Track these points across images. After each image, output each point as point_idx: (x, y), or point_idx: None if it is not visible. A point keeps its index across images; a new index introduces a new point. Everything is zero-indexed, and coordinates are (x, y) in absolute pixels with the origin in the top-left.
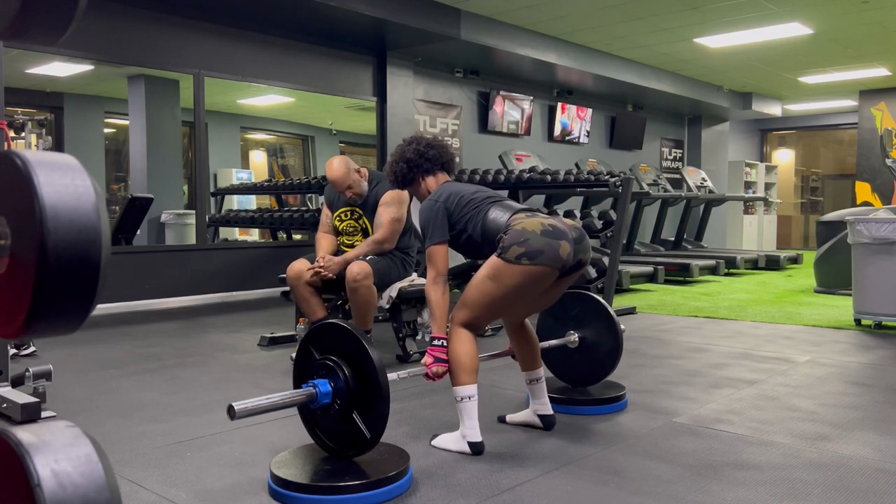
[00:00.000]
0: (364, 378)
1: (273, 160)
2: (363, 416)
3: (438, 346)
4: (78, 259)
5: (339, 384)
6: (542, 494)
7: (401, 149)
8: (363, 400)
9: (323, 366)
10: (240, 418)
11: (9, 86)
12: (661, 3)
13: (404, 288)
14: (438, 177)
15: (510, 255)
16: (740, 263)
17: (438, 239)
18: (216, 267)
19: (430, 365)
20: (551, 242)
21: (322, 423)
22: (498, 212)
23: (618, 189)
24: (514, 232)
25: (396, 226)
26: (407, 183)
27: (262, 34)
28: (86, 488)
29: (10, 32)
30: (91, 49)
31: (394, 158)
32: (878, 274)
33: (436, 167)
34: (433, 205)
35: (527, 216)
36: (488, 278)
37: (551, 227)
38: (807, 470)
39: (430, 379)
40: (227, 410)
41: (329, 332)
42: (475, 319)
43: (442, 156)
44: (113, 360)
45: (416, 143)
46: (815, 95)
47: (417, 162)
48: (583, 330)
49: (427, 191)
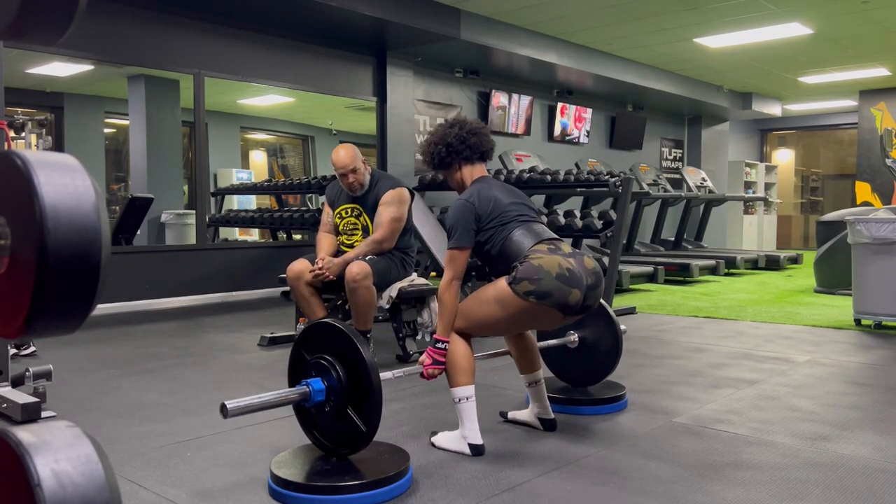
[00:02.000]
0: (357, 375)
1: (273, 160)
2: (357, 413)
3: (440, 348)
4: (78, 259)
5: (333, 382)
6: (542, 494)
7: (442, 131)
8: (356, 397)
9: (316, 365)
10: (233, 416)
11: (9, 86)
12: (661, 3)
13: (404, 288)
14: (476, 167)
15: (520, 288)
16: (740, 263)
17: (464, 244)
18: (216, 267)
19: (427, 366)
20: (563, 288)
21: (317, 422)
22: (522, 235)
23: (618, 189)
24: (529, 266)
25: (396, 225)
26: (443, 167)
27: (262, 34)
28: (86, 488)
29: (10, 32)
30: (91, 49)
31: (433, 139)
32: (878, 274)
33: (475, 155)
34: (467, 206)
35: (548, 250)
36: (494, 301)
37: (568, 273)
38: (807, 470)
39: (424, 378)
40: (220, 409)
41: (322, 331)
42: (472, 332)
43: (483, 144)
44: (113, 360)
45: (458, 127)
46: (815, 95)
47: (458, 148)
48: (582, 330)
49: (461, 179)
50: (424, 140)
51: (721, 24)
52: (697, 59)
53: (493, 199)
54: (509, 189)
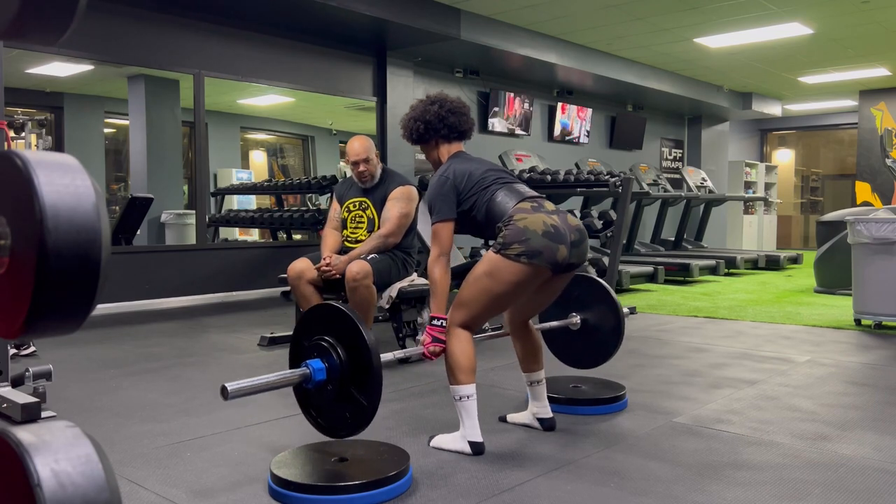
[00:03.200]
0: (357, 355)
1: (273, 160)
2: (359, 391)
3: (437, 325)
4: (78, 259)
5: (333, 362)
6: (542, 494)
7: (422, 107)
8: (358, 376)
9: (316, 346)
10: (233, 398)
11: (9, 86)
12: (661, 3)
13: (404, 288)
14: (453, 145)
15: (510, 251)
16: (740, 263)
17: (445, 216)
18: (216, 267)
19: (428, 344)
20: (550, 245)
21: (317, 404)
22: (504, 195)
23: (618, 189)
24: (516, 229)
25: (404, 221)
26: (420, 142)
27: (262, 34)
28: (86, 488)
29: (10, 32)
30: (91, 49)
31: (412, 115)
32: (878, 274)
33: (453, 134)
34: (443, 181)
35: (532, 208)
36: (485, 275)
37: (553, 229)
38: (807, 470)
39: (428, 358)
40: (221, 391)
41: (322, 313)
42: (472, 318)
43: (462, 124)
44: (113, 360)
45: (438, 104)
46: (815, 95)
47: (436, 126)
48: (584, 312)
49: (439, 157)
50: (405, 114)
51: (721, 24)
52: (697, 59)
53: (467, 172)
54: (483, 160)
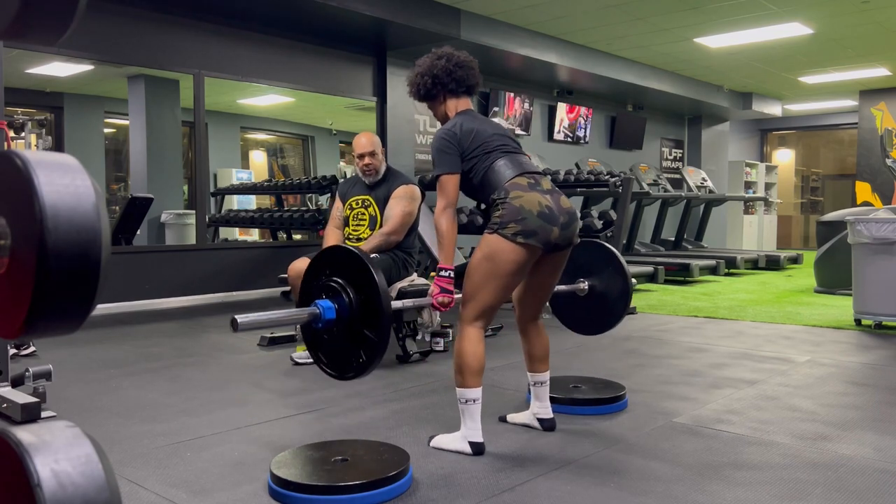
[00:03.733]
0: (367, 295)
1: (273, 160)
2: (369, 330)
3: (445, 276)
4: (78, 259)
5: (343, 303)
6: (542, 494)
7: (430, 61)
8: (367, 316)
9: (326, 287)
10: (242, 331)
11: (9, 86)
12: (661, 3)
13: (404, 288)
14: (461, 100)
15: (507, 231)
16: (740, 263)
17: (450, 169)
18: (216, 267)
19: (437, 295)
20: (545, 226)
21: (325, 344)
22: (504, 165)
23: (618, 189)
24: (512, 208)
25: (407, 219)
26: (427, 98)
27: (262, 34)
28: (86, 488)
29: (10, 32)
30: (91, 49)
31: (420, 70)
32: (878, 274)
33: (461, 89)
34: (450, 135)
35: (528, 185)
36: (485, 259)
37: (547, 210)
38: (807, 470)
39: (436, 309)
40: (231, 323)
41: (332, 255)
42: (483, 308)
43: (469, 78)
44: (113, 360)
45: (446, 59)
46: (815, 95)
47: (444, 80)
48: (592, 278)
49: (446, 112)
50: (411, 71)
51: (721, 24)
52: (697, 59)
53: (474, 130)
54: (491, 122)
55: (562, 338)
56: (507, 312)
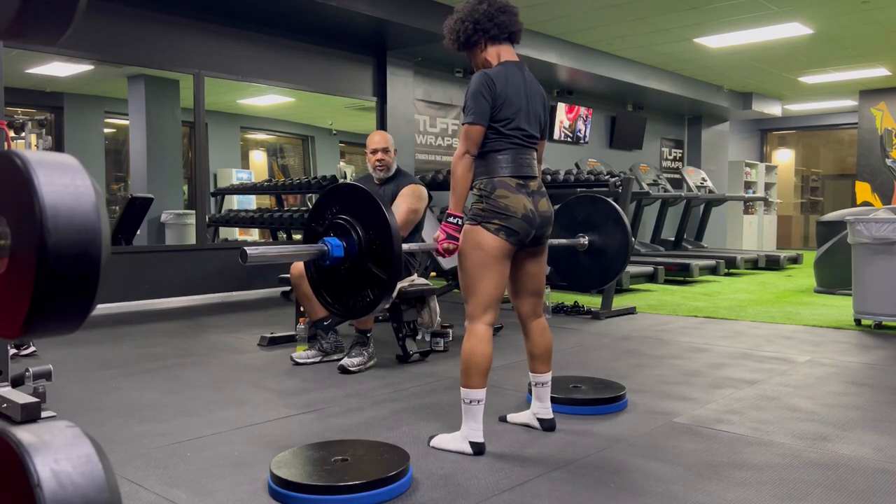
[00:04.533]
0: (376, 235)
1: (273, 160)
2: (377, 268)
3: (453, 223)
4: (78, 259)
5: (352, 242)
6: (542, 494)
7: (469, 7)
8: (376, 255)
9: (335, 225)
10: (252, 263)
11: (9, 86)
12: (661, 3)
13: (404, 288)
14: (502, 47)
15: (491, 225)
16: (740, 263)
17: (479, 121)
18: (216, 267)
19: (442, 241)
20: (526, 227)
21: (331, 284)
22: (503, 159)
23: (618, 189)
24: (498, 206)
25: (412, 216)
26: (468, 46)
27: (262, 34)
28: (86, 488)
29: (10, 32)
30: (91, 49)
31: (459, 16)
32: (878, 274)
33: (503, 35)
34: (490, 83)
35: (517, 186)
36: (473, 249)
37: (531, 214)
38: (807, 470)
39: (440, 255)
40: (240, 254)
41: (340, 193)
42: (485, 301)
43: (513, 24)
44: (113, 360)
45: (487, 3)
46: (815, 95)
47: (486, 26)
48: (592, 233)
49: (487, 60)
50: (449, 18)
51: (721, 24)
52: (697, 59)
53: (510, 96)
54: (531, 88)
55: (562, 338)
56: (508, 312)
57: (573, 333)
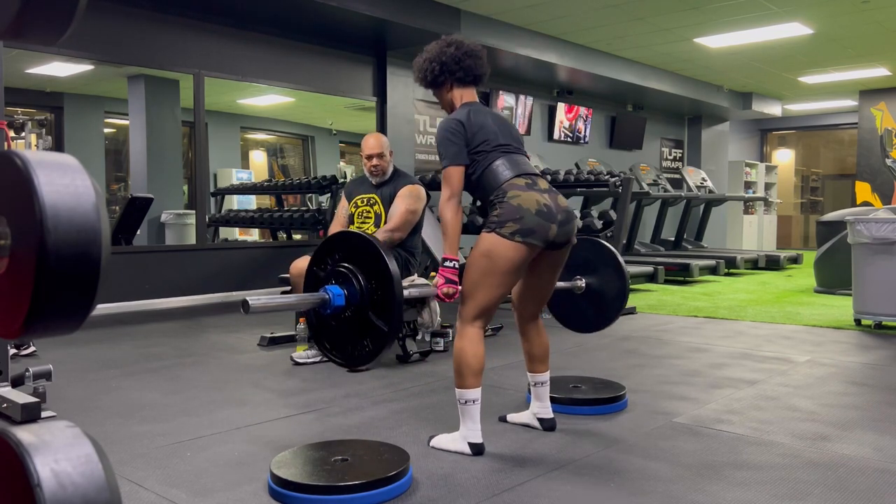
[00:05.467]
0: (378, 282)
1: (273, 160)
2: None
3: (450, 267)
4: (78, 259)
5: (353, 289)
6: (542, 494)
7: (438, 48)
8: (377, 304)
9: (336, 273)
10: (253, 313)
11: (9, 86)
12: (661, 3)
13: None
14: (467, 90)
15: (505, 230)
16: (740, 263)
17: (456, 161)
18: (216, 267)
19: (441, 286)
20: (543, 224)
21: (332, 332)
22: (502, 165)
23: (618, 189)
24: (510, 207)
25: (410, 217)
26: (434, 85)
27: (262, 34)
28: (86, 488)
29: (10, 32)
30: (91, 49)
31: (427, 56)
32: (878, 274)
33: (468, 78)
34: (457, 125)
35: (526, 185)
36: (482, 256)
37: (545, 208)
38: (807, 470)
39: (441, 300)
40: (242, 305)
41: (343, 240)
42: (482, 306)
43: (478, 67)
44: (113, 360)
45: (455, 46)
46: (815, 95)
47: (452, 68)
48: (589, 276)
49: (451, 100)
50: (419, 56)
51: (721, 24)
52: (697, 59)
53: (481, 124)
54: (496, 115)
55: (562, 338)
56: (507, 312)
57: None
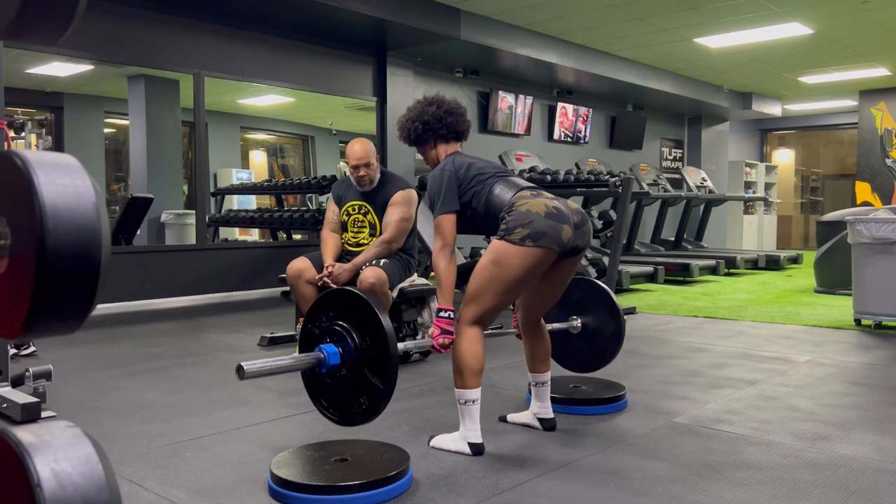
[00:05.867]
0: (373, 340)
1: (273, 160)
2: (374, 375)
3: (445, 317)
4: (78, 259)
5: (348, 347)
6: (542, 494)
7: (420, 108)
8: (372, 364)
9: (331, 331)
10: (249, 378)
11: (9, 86)
12: (661, 3)
13: (404, 288)
14: (450, 145)
15: (515, 236)
16: (740, 263)
17: (447, 209)
18: (216, 267)
19: (437, 336)
20: (554, 225)
21: (328, 391)
22: (503, 188)
23: (618, 189)
24: (518, 213)
25: (405, 225)
26: (418, 143)
27: (262, 34)
28: (86, 488)
29: (10, 32)
30: (91, 49)
31: (410, 116)
32: (878, 274)
33: (451, 134)
34: (443, 174)
35: (532, 195)
36: (491, 263)
37: (555, 210)
38: (807, 470)
39: (437, 351)
40: (237, 370)
41: (337, 298)
42: (484, 311)
43: (459, 124)
44: (113, 360)
45: (436, 105)
46: (815, 95)
47: (434, 126)
48: (585, 316)
49: (437, 157)
50: (402, 116)
51: (721, 24)
52: (697, 59)
53: (466, 163)
54: (481, 158)
55: None
56: (507, 312)
57: None
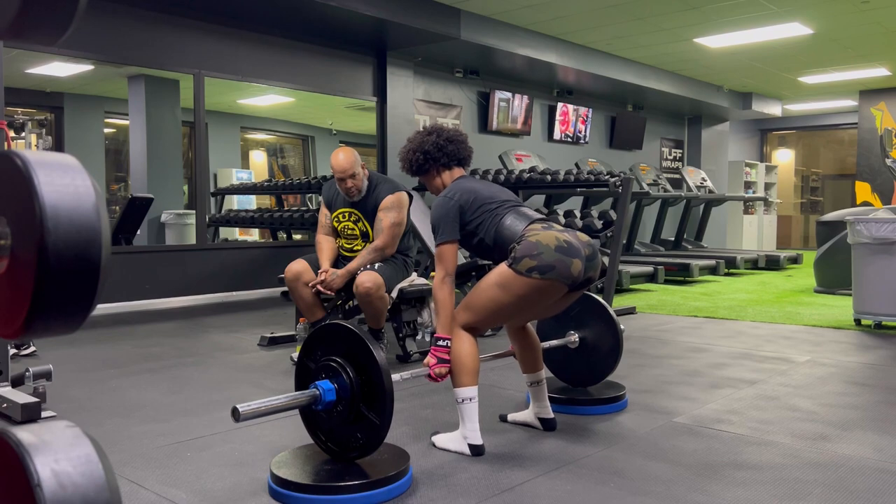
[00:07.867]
0: (368, 376)
1: (273, 160)
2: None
3: (442, 346)
4: (78, 259)
5: (343, 383)
6: (542, 494)
7: (420, 138)
8: (368, 399)
9: (326, 367)
10: (245, 420)
11: (9, 86)
12: (661, 3)
13: (404, 288)
14: (454, 171)
15: (521, 266)
16: (740, 263)
17: (449, 238)
18: (216, 267)
19: (434, 366)
20: (564, 259)
21: (325, 426)
22: (514, 219)
23: (618, 189)
24: (527, 244)
25: (397, 230)
26: (420, 173)
27: (262, 34)
28: (86, 488)
29: (10, 32)
30: (91, 49)
31: (411, 147)
32: (878, 274)
33: (452, 162)
34: (447, 202)
35: (543, 228)
36: (496, 285)
37: (566, 244)
38: (807, 470)
39: (433, 380)
40: (232, 413)
41: (331, 333)
42: (477, 323)
43: (460, 151)
44: (113, 360)
45: (436, 134)
46: (815, 95)
47: (435, 155)
48: (583, 330)
49: (441, 184)
50: (403, 147)
51: (721, 24)
52: (697, 59)
53: (473, 190)
54: (487, 182)
55: None
56: None
57: None
